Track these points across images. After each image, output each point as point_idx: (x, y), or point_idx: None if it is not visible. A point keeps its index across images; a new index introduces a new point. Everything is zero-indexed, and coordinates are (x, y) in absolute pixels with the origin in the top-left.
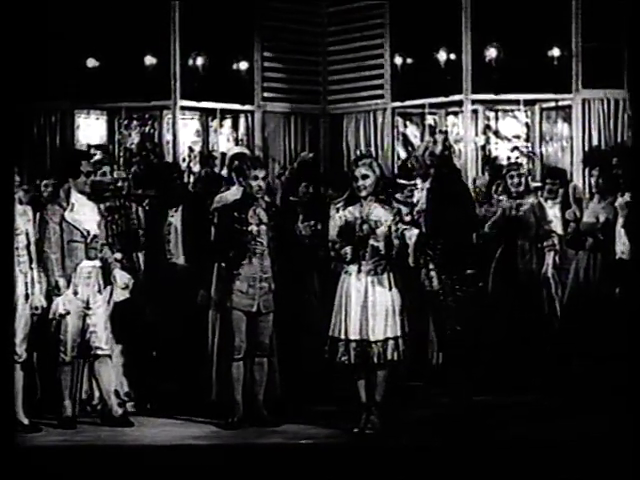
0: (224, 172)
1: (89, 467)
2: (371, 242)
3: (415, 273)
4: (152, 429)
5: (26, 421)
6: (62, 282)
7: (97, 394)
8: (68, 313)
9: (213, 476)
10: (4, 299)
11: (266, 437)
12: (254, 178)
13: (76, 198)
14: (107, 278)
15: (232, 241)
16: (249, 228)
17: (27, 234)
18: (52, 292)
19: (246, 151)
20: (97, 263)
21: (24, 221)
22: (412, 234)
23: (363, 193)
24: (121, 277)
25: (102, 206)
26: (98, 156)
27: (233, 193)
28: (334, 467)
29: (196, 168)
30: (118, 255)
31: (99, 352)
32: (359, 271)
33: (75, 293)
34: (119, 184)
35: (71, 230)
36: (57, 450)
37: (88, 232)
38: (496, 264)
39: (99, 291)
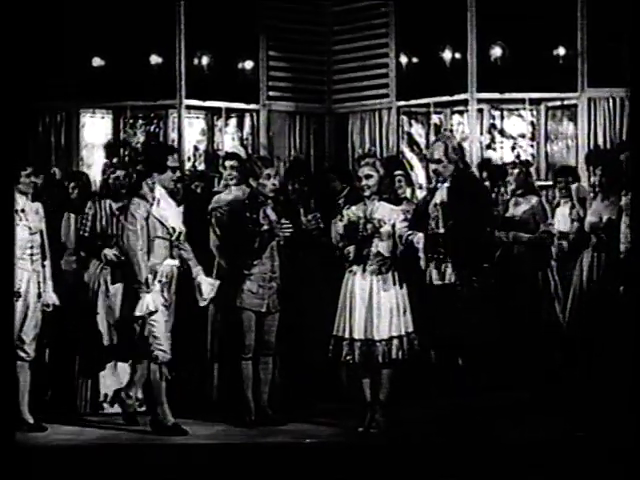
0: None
1: (91, 466)
2: (375, 241)
3: (420, 271)
4: None
5: (31, 420)
6: (150, 278)
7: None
8: (156, 310)
9: (217, 475)
10: (4, 298)
11: (270, 436)
12: (267, 177)
13: (160, 193)
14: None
15: (246, 242)
16: (262, 228)
17: (41, 232)
18: (139, 289)
19: (241, 150)
20: (177, 262)
21: (38, 219)
22: (419, 238)
23: (367, 193)
24: (206, 287)
25: (114, 205)
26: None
27: (231, 193)
28: (338, 466)
29: (201, 167)
30: None
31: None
32: (364, 270)
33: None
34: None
35: (156, 226)
36: (60, 449)
37: (174, 229)
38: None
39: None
